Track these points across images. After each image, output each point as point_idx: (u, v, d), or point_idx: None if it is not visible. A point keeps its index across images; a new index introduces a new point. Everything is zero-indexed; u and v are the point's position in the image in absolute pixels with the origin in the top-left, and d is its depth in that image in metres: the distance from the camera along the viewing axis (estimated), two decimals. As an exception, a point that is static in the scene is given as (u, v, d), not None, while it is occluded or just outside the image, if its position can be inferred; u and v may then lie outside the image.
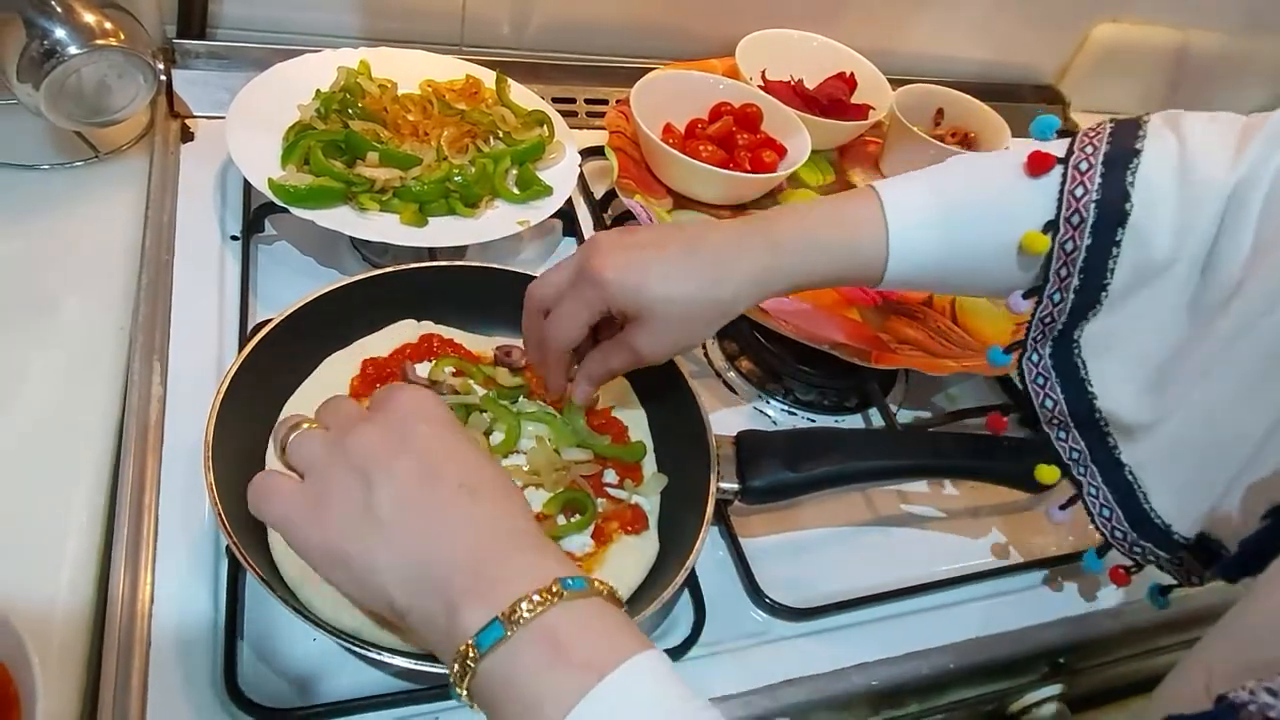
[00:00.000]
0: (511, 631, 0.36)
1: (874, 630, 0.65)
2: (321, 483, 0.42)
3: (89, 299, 0.68)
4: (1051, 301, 0.56)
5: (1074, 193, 0.53)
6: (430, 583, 0.39)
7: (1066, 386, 0.58)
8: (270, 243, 0.78)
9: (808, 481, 0.61)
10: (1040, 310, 0.56)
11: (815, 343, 0.74)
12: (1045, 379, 0.59)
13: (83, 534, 0.56)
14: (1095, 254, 0.53)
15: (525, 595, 0.37)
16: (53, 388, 0.63)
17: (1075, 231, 0.53)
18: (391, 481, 0.40)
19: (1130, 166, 0.52)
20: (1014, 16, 1.22)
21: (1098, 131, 0.55)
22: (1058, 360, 0.58)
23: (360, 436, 0.42)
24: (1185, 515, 0.56)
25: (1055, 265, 0.54)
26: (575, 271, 0.55)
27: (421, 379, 0.62)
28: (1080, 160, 0.54)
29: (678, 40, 1.07)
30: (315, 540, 0.41)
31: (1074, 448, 0.60)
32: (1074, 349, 0.57)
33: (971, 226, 0.55)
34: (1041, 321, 0.57)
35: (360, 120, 0.80)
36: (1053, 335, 0.57)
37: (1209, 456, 0.54)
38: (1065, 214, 0.53)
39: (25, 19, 0.68)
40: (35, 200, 0.74)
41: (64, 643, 0.52)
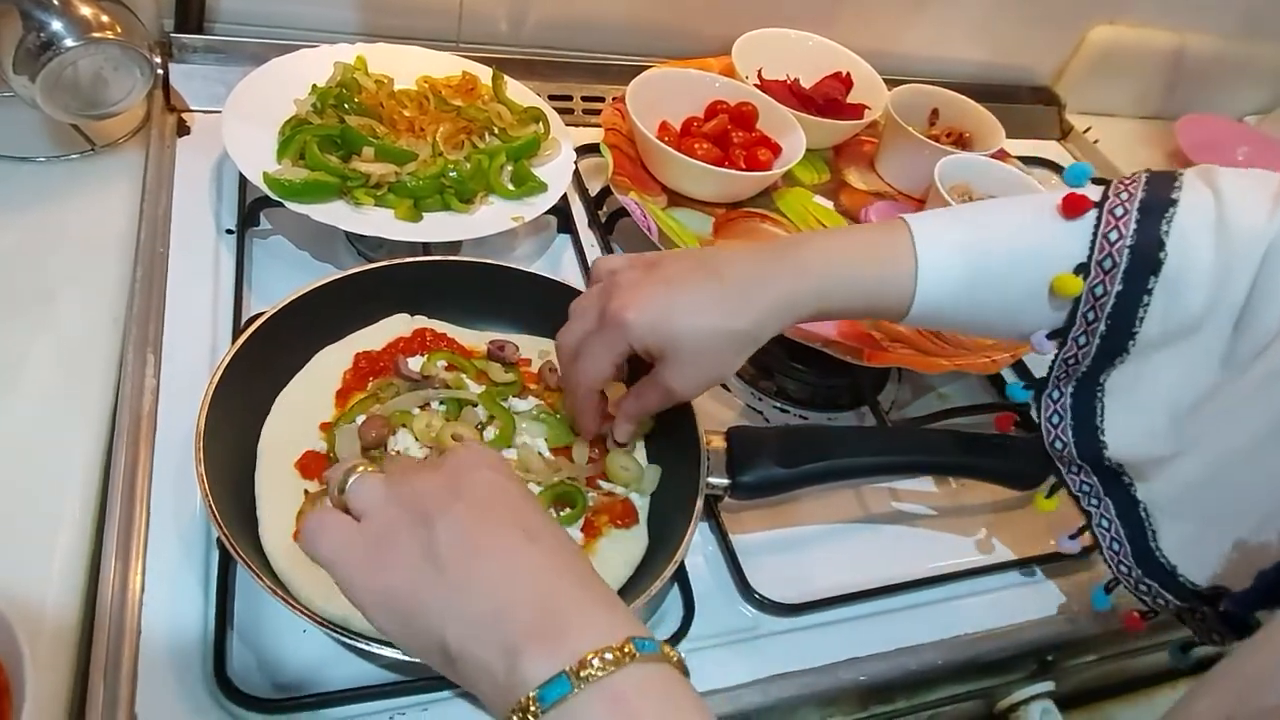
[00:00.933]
0: (578, 689, 0.34)
1: (863, 626, 0.65)
2: (380, 525, 0.41)
3: (84, 291, 0.68)
4: (1076, 344, 0.54)
5: (1108, 236, 0.52)
6: (489, 630, 0.37)
7: (1079, 430, 0.57)
8: (265, 237, 0.79)
9: (798, 478, 0.62)
10: (1064, 352, 0.55)
11: (808, 340, 0.74)
12: (1060, 419, 0.58)
13: (74, 524, 0.57)
14: (1125, 301, 0.52)
15: (596, 651, 0.35)
16: (47, 378, 0.63)
17: (1106, 276, 0.52)
18: (452, 525, 0.39)
19: (1166, 215, 0.51)
20: (1011, 18, 1.22)
21: (1133, 179, 0.54)
22: (1077, 402, 0.57)
23: (420, 481, 0.41)
24: (1194, 560, 0.55)
25: (1083, 309, 0.53)
26: (597, 315, 0.55)
27: (414, 372, 0.63)
28: (1115, 205, 0.53)
29: (674, 38, 1.07)
30: (369, 583, 0.40)
31: (1085, 481, 0.60)
32: (1097, 392, 0.56)
33: (1002, 265, 0.54)
34: (1065, 362, 0.56)
35: (356, 115, 0.80)
36: (1076, 376, 0.56)
37: (1222, 503, 0.53)
38: (1098, 257, 0.52)
39: (22, 11, 0.68)
40: (31, 192, 0.74)
41: (54, 632, 0.52)
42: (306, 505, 0.55)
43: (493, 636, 0.36)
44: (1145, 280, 0.51)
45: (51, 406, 0.61)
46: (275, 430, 0.59)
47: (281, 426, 0.59)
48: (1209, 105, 1.38)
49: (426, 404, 0.61)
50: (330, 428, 0.60)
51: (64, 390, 0.62)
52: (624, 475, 0.62)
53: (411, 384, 0.62)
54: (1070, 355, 0.55)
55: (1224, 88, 1.41)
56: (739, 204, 0.91)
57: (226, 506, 0.52)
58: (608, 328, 0.54)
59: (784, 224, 0.90)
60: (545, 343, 0.70)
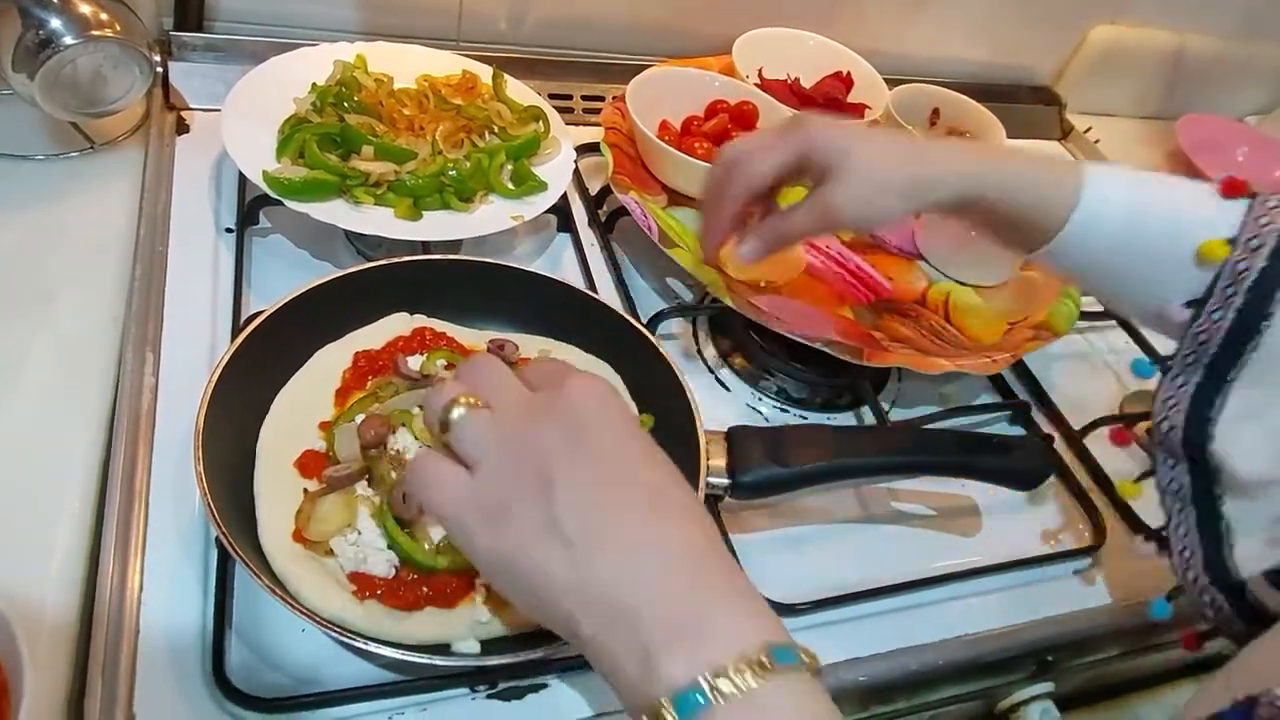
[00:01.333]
0: (716, 702, 0.32)
1: (862, 626, 0.65)
2: (497, 483, 0.38)
3: (83, 289, 0.68)
4: (1211, 319, 0.54)
5: (1259, 219, 0.54)
6: (621, 620, 0.35)
7: (1191, 418, 0.56)
8: (264, 235, 0.79)
9: (798, 477, 0.62)
10: (1197, 325, 0.55)
11: (808, 340, 0.74)
12: (1175, 402, 0.57)
13: (73, 522, 0.57)
14: (1266, 277, 0.53)
15: (733, 661, 0.33)
16: (46, 376, 0.63)
17: (1252, 255, 0.53)
18: (576, 492, 0.37)
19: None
20: (1011, 17, 1.22)
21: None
22: (1199, 392, 0.56)
23: (536, 431, 0.38)
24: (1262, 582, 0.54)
25: (1223, 283, 0.54)
26: (783, 125, 0.57)
27: (413, 371, 0.63)
28: (1269, 198, 0.55)
29: (674, 37, 1.07)
30: (492, 546, 0.38)
31: (1176, 479, 0.59)
32: (1223, 387, 0.55)
33: (1160, 219, 0.56)
34: (1195, 337, 0.55)
35: (356, 114, 0.80)
36: (1204, 362, 0.56)
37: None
38: (1245, 236, 0.53)
39: (21, 8, 0.68)
40: (30, 191, 0.74)
41: (53, 630, 0.52)
42: (306, 504, 0.55)
43: (625, 632, 0.35)
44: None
45: (51, 405, 0.61)
46: (274, 429, 0.59)
47: (280, 425, 0.59)
48: (1209, 105, 1.38)
49: (426, 403, 0.61)
50: (329, 427, 0.59)
51: (63, 388, 0.62)
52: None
53: (411, 383, 0.62)
54: (1202, 329, 0.55)
55: (1224, 88, 1.41)
56: (739, 203, 0.90)
57: (225, 505, 0.52)
58: (793, 130, 0.57)
59: (784, 223, 0.90)
60: (544, 342, 0.69)
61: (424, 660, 0.50)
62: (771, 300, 0.81)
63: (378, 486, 0.57)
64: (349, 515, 0.55)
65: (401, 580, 0.53)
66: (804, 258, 0.88)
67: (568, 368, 0.42)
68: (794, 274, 0.86)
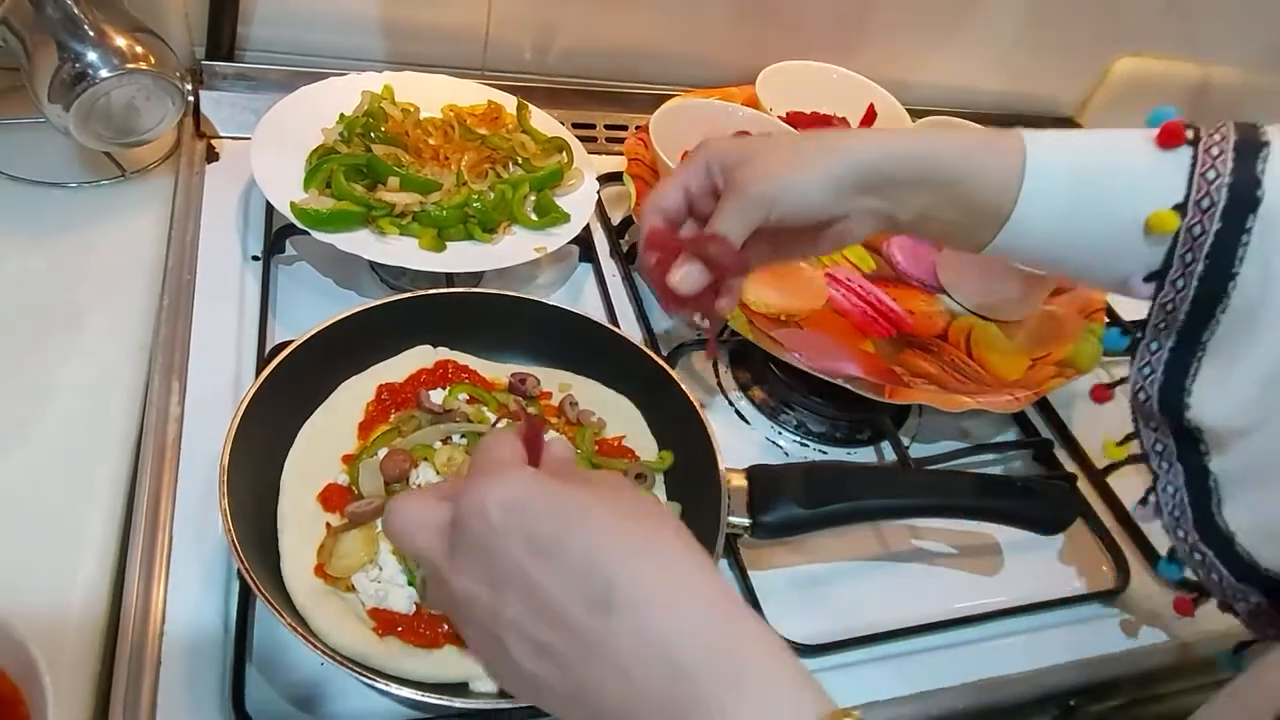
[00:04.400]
0: None
1: (883, 668, 0.64)
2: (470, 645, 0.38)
3: (111, 316, 0.69)
4: (1174, 288, 0.53)
5: (1205, 175, 0.51)
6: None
7: (1166, 386, 0.55)
8: (290, 263, 0.79)
9: (819, 518, 0.61)
10: (1162, 296, 0.53)
11: (828, 376, 0.74)
12: (1151, 371, 0.56)
13: (97, 550, 0.57)
14: (1224, 239, 0.51)
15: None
16: (74, 403, 0.63)
17: (1204, 216, 0.51)
18: (515, 637, 0.34)
19: (1261, 155, 0.51)
20: (1035, 49, 1.22)
21: (1222, 125, 0.54)
22: (1174, 357, 0.55)
23: (458, 589, 0.36)
24: (1254, 533, 0.54)
25: (1181, 250, 0.52)
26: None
27: (436, 405, 0.63)
28: (1210, 145, 0.52)
29: (698, 68, 1.07)
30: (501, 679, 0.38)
31: (1160, 440, 0.58)
32: (1197, 350, 0.54)
33: (1103, 187, 0.53)
34: (1163, 308, 0.54)
35: (382, 144, 0.81)
36: (1176, 328, 0.54)
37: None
38: (1195, 196, 0.51)
39: (58, 41, 0.69)
40: (62, 217, 0.75)
41: (75, 659, 0.53)
42: (328, 539, 0.55)
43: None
44: (1244, 219, 0.50)
45: (77, 431, 0.62)
46: (298, 462, 0.59)
47: (304, 458, 0.60)
48: (1234, 137, 1.37)
49: (448, 437, 0.62)
50: (352, 460, 0.60)
51: (90, 415, 0.63)
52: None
53: (433, 417, 0.62)
54: (1168, 300, 0.53)
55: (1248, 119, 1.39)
56: (761, 235, 0.91)
57: (248, 538, 0.52)
58: (694, 151, 0.55)
59: (805, 256, 0.90)
60: (565, 376, 0.70)
61: (440, 700, 0.49)
62: (792, 334, 0.81)
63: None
64: (370, 551, 0.55)
65: (422, 617, 0.53)
66: (826, 291, 0.88)
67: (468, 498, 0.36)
68: (815, 306, 0.86)
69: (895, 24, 1.11)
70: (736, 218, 0.53)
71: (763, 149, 0.54)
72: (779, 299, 0.83)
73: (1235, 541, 0.54)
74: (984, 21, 1.15)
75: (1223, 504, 0.55)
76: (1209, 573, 0.56)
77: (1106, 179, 0.53)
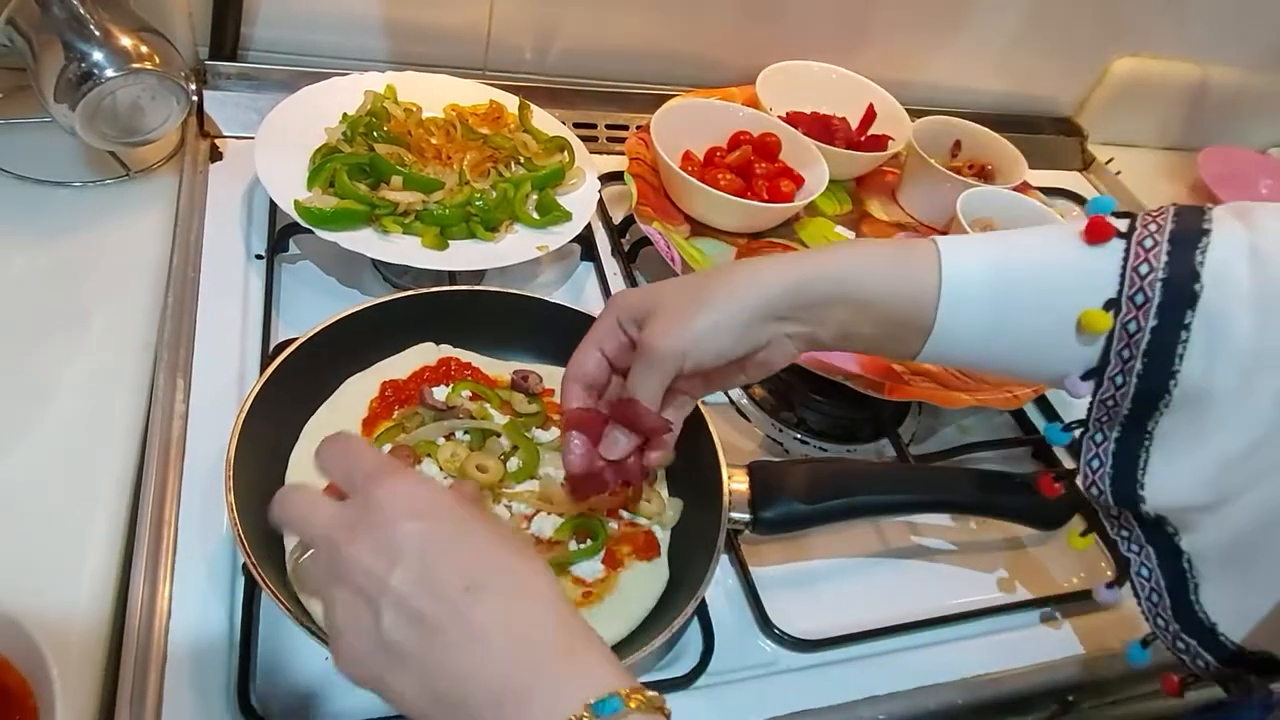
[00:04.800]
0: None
1: (882, 663, 0.65)
2: (332, 614, 0.40)
3: (116, 314, 0.70)
4: (1114, 384, 0.51)
5: (1138, 270, 0.49)
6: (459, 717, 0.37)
7: (1117, 478, 0.53)
8: (294, 262, 0.80)
9: (820, 514, 0.62)
10: (1102, 393, 0.51)
11: (829, 374, 0.74)
12: (1100, 463, 0.54)
13: (103, 546, 0.57)
14: (1162, 337, 0.48)
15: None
16: (79, 400, 0.64)
17: (1139, 311, 0.49)
18: (393, 603, 0.38)
19: (1199, 246, 0.48)
20: (1034, 49, 1.22)
21: (1160, 212, 0.51)
22: (1121, 448, 0.53)
23: (351, 555, 0.39)
24: (1236, 618, 0.52)
25: (1117, 346, 0.50)
26: None
27: (439, 402, 0.63)
28: (1144, 237, 0.50)
29: (699, 68, 1.08)
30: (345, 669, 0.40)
31: (1124, 526, 0.56)
32: (1144, 440, 0.52)
33: (1030, 289, 0.51)
34: (1104, 404, 0.52)
35: (385, 144, 0.81)
36: (1119, 419, 0.52)
37: (1272, 556, 0.49)
38: (1129, 292, 0.49)
39: (64, 41, 0.69)
40: (67, 216, 0.75)
41: (82, 653, 0.53)
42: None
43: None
44: (1181, 315, 0.48)
45: (82, 429, 0.62)
46: (302, 458, 0.60)
47: (309, 454, 0.59)
48: (1232, 137, 1.38)
49: (451, 434, 0.62)
50: (356, 456, 0.60)
51: (96, 413, 0.63)
52: (646, 508, 0.62)
53: (436, 414, 0.63)
54: (1108, 396, 0.51)
55: (1247, 120, 1.41)
56: (761, 234, 0.91)
57: (254, 533, 0.53)
58: (600, 315, 0.55)
59: (806, 255, 0.91)
60: None
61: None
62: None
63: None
64: (375, 546, 0.55)
65: (425, 612, 0.53)
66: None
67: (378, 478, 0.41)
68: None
69: (895, 24, 1.11)
70: (648, 379, 0.52)
71: (669, 299, 0.52)
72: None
73: (1218, 631, 0.52)
74: (983, 22, 1.15)
75: (1200, 589, 0.53)
76: (1194, 659, 0.54)
77: (1032, 279, 0.51)
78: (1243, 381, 0.48)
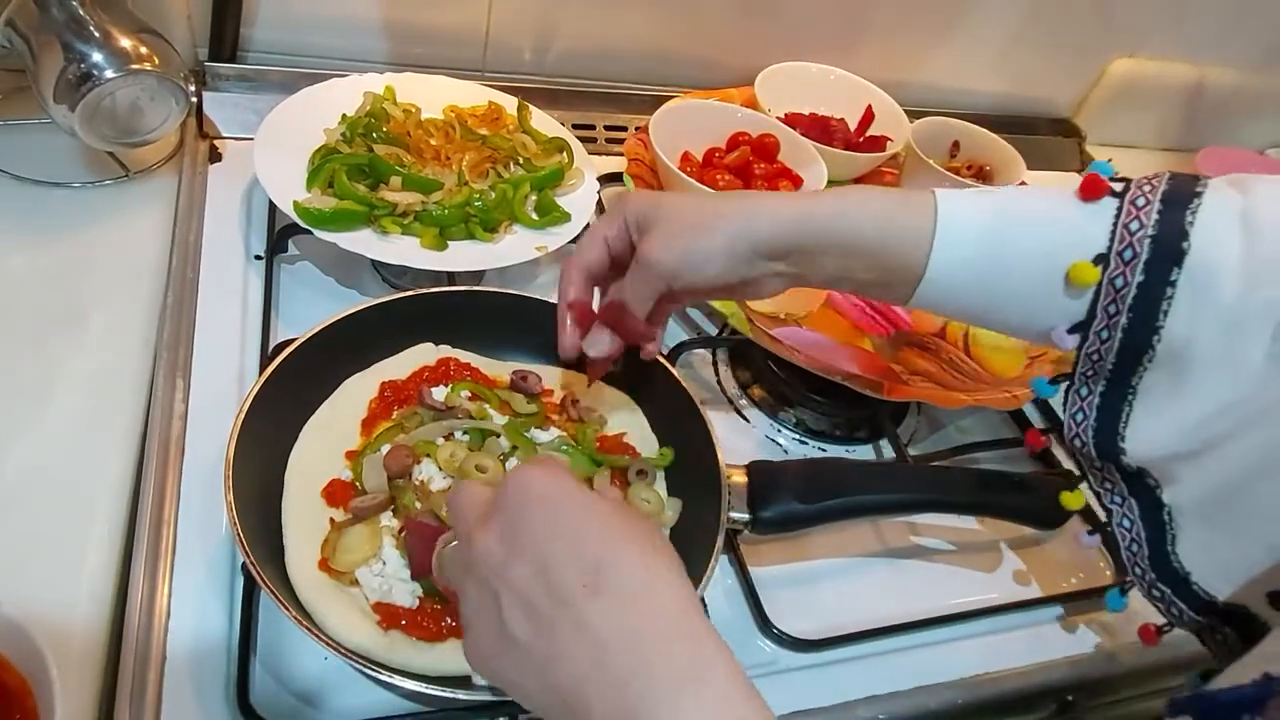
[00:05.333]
0: None
1: (882, 663, 0.65)
2: (464, 605, 0.40)
3: (116, 315, 0.70)
4: (1099, 339, 0.52)
5: (1128, 226, 0.50)
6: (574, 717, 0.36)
7: (1100, 431, 0.55)
8: (293, 262, 0.80)
9: (818, 514, 0.62)
10: (1087, 346, 0.53)
11: (827, 374, 0.74)
12: (1084, 416, 0.55)
13: (103, 546, 0.57)
14: (1147, 293, 0.50)
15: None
16: (78, 401, 0.64)
17: (1127, 267, 0.50)
18: (514, 596, 0.37)
19: (1190, 207, 0.50)
20: (1032, 50, 1.23)
21: (1156, 176, 0.52)
22: (1105, 401, 0.54)
23: (479, 545, 0.39)
24: (1209, 570, 0.53)
25: (1104, 301, 0.51)
26: None
27: (438, 402, 0.63)
28: (1137, 196, 0.51)
29: (697, 69, 1.08)
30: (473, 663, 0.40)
31: (1107, 479, 0.57)
32: (1128, 394, 0.53)
33: (1023, 242, 0.52)
34: (1089, 357, 0.53)
35: (384, 144, 0.81)
36: (1104, 374, 0.54)
37: (1248, 509, 0.50)
38: (1118, 248, 0.50)
39: (63, 42, 0.70)
40: (66, 217, 0.75)
41: (82, 653, 0.53)
42: (332, 534, 0.56)
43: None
44: (1168, 271, 0.49)
45: (82, 429, 0.62)
46: (302, 458, 0.60)
47: (308, 454, 0.60)
48: (1229, 137, 1.38)
49: (450, 434, 0.62)
50: (356, 456, 0.60)
51: (94, 413, 0.63)
52: (645, 508, 0.62)
53: (436, 414, 0.63)
54: (1093, 349, 0.53)
55: (1244, 120, 1.41)
56: (760, 235, 0.91)
57: (253, 533, 0.53)
58: (612, 207, 0.57)
59: (804, 255, 0.91)
60: (567, 374, 0.70)
61: (444, 692, 0.50)
62: (790, 333, 0.81)
63: (401, 516, 0.57)
64: (374, 545, 0.55)
65: (425, 611, 0.54)
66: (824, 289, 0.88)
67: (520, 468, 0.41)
68: (814, 306, 0.86)
69: (893, 25, 1.12)
70: (639, 289, 0.55)
71: (673, 211, 0.55)
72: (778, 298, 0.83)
73: (1191, 581, 0.54)
74: (981, 23, 1.15)
75: (1177, 541, 0.54)
76: (1169, 607, 0.56)
77: (1025, 232, 0.53)
78: (1225, 340, 0.49)
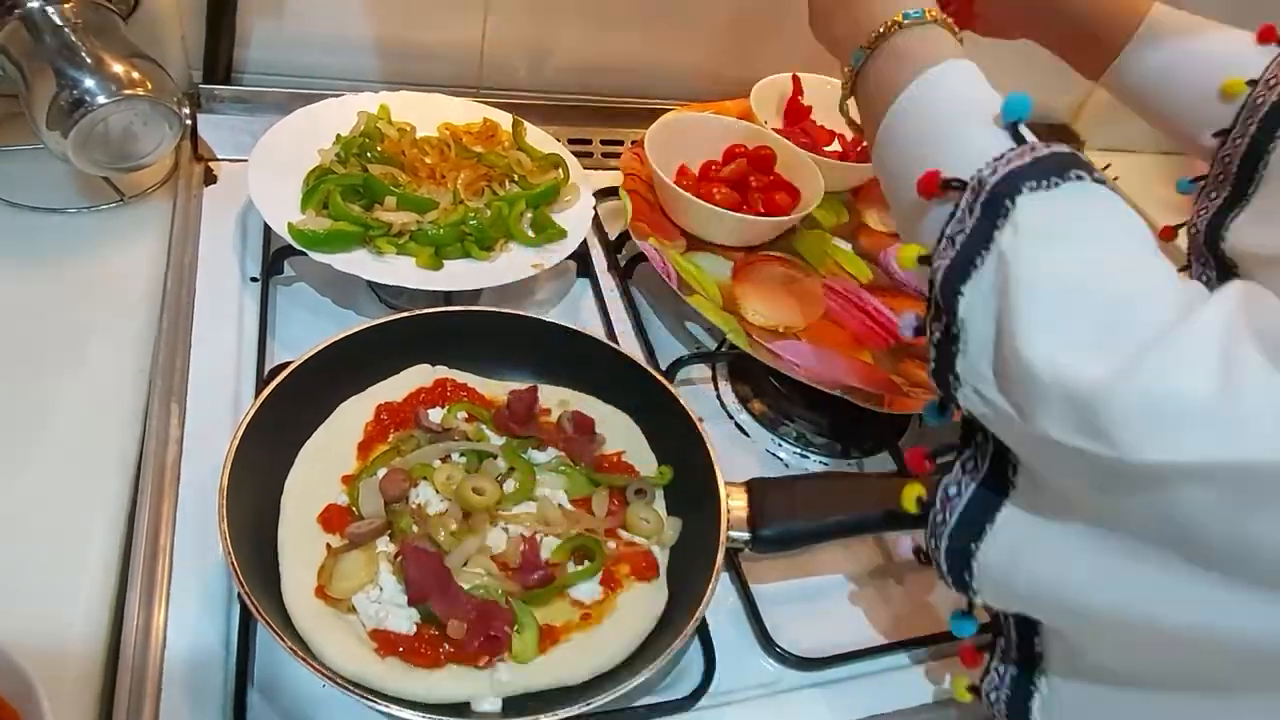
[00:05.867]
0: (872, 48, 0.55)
1: (887, 681, 0.64)
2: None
3: (111, 340, 0.69)
4: (1234, 144, 0.63)
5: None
6: None
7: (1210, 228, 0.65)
8: (288, 284, 0.80)
9: (819, 531, 0.61)
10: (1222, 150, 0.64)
11: (828, 388, 0.74)
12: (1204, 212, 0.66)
13: (98, 573, 0.57)
14: (1277, 109, 0.60)
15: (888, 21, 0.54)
16: (74, 426, 0.64)
17: (1269, 91, 0.61)
18: None
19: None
20: (1029, 56, 1.22)
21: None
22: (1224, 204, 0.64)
23: None
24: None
25: (1244, 115, 0.62)
26: None
27: (435, 424, 0.63)
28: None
29: (693, 83, 1.08)
30: None
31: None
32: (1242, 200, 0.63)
33: (1200, 56, 0.66)
34: (1221, 160, 0.64)
35: (379, 164, 0.81)
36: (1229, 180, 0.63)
37: None
38: (1266, 76, 0.62)
39: (55, 68, 0.70)
40: (61, 243, 0.75)
41: (77, 682, 0.53)
42: (329, 561, 0.55)
43: None
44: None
45: (77, 455, 0.62)
46: (298, 483, 0.59)
47: (304, 480, 0.60)
48: (1229, 141, 1.37)
49: (447, 456, 0.62)
50: (352, 481, 0.60)
51: (90, 439, 0.63)
52: (644, 527, 0.62)
53: (432, 436, 0.62)
54: (1226, 154, 0.64)
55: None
56: (758, 247, 0.91)
57: (249, 561, 0.52)
58: None
59: (803, 267, 0.90)
60: (565, 393, 0.70)
61: (442, 721, 0.49)
62: (789, 346, 0.81)
63: (398, 541, 0.57)
64: (371, 572, 0.55)
65: (422, 638, 0.53)
66: (823, 302, 0.88)
67: None
68: (813, 318, 0.86)
69: (888, 35, 1.11)
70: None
71: None
72: (777, 311, 0.83)
73: None
74: (977, 30, 1.15)
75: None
76: None
77: (1204, 49, 0.67)
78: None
